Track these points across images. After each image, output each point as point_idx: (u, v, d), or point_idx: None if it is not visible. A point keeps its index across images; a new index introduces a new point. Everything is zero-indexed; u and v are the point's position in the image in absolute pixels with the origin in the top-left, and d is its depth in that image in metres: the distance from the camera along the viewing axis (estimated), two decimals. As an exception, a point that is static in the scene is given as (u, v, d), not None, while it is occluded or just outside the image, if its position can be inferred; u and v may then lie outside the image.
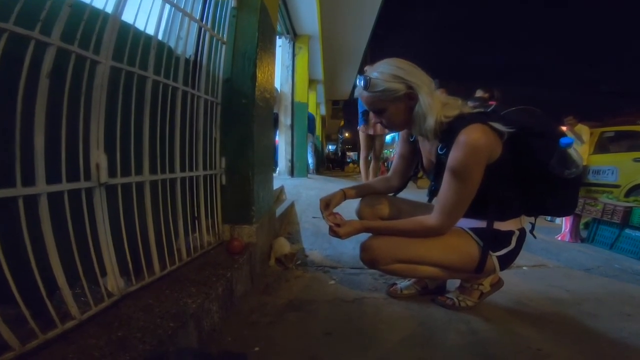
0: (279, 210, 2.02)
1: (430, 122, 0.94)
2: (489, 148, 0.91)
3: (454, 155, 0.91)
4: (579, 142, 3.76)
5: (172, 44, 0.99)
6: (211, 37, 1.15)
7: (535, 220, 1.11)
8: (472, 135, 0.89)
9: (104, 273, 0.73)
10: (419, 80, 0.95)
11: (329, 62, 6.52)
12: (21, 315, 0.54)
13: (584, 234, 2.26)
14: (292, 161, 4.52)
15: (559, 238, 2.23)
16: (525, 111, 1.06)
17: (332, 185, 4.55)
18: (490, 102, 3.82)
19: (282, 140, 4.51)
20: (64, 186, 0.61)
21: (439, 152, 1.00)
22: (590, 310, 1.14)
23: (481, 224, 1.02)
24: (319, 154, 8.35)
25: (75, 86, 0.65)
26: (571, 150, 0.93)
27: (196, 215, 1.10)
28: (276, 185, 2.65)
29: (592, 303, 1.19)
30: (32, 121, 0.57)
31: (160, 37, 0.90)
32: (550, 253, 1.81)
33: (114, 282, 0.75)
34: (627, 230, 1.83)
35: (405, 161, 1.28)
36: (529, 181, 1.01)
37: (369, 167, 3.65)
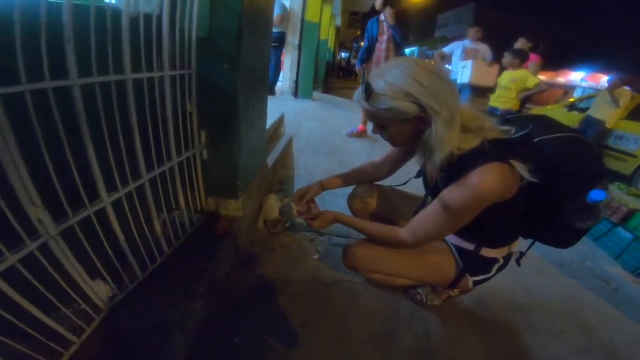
0: (275, 153, 1.91)
1: (438, 157, 0.77)
2: (500, 195, 0.77)
3: (456, 194, 0.78)
4: (614, 104, 3.43)
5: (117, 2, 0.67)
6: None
7: (530, 246, 1.06)
8: (486, 181, 0.73)
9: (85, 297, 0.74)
10: (438, 104, 0.72)
11: (351, -26, 5.13)
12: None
13: None
14: (296, 82, 4.31)
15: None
16: (567, 143, 0.85)
17: (336, 113, 4.24)
18: (532, 55, 3.19)
19: (288, 60, 4.24)
20: (11, 259, 0.54)
21: (439, 179, 0.87)
22: (536, 321, 1.22)
23: (468, 245, 0.99)
24: (329, 64, 7.74)
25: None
26: (599, 206, 0.81)
27: (174, 206, 1.02)
28: (276, 112, 2.41)
29: (542, 312, 1.27)
30: None
31: None
32: (534, 237, 1.83)
33: (99, 300, 0.78)
34: (619, 229, 1.80)
35: (402, 155, 1.14)
36: (532, 216, 0.92)
37: None
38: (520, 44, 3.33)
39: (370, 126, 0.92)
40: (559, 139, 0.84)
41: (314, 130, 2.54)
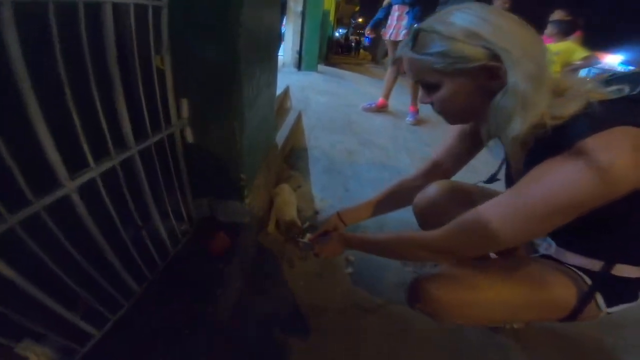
0: (283, 131, 1.52)
1: (518, 127, 0.51)
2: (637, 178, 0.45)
3: (560, 180, 0.47)
4: None
5: None
6: None
7: None
8: (610, 158, 0.44)
9: None
10: (519, 49, 0.48)
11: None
12: None
13: None
14: (300, 53, 4.02)
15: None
16: None
17: (347, 86, 3.84)
18: (576, 32, 2.75)
19: (289, 29, 3.93)
20: None
21: (523, 165, 0.56)
22: (627, 338, 0.95)
23: (589, 263, 0.63)
24: (330, 38, 7.49)
25: None
26: None
27: (140, 221, 0.66)
28: (280, 84, 1.98)
29: (631, 328, 0.98)
30: None
31: None
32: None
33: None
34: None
35: (467, 141, 0.80)
36: None
37: (394, 78, 2.81)
38: (557, 16, 2.88)
39: (391, 100, 0.57)
40: None
41: (324, 105, 2.19)
